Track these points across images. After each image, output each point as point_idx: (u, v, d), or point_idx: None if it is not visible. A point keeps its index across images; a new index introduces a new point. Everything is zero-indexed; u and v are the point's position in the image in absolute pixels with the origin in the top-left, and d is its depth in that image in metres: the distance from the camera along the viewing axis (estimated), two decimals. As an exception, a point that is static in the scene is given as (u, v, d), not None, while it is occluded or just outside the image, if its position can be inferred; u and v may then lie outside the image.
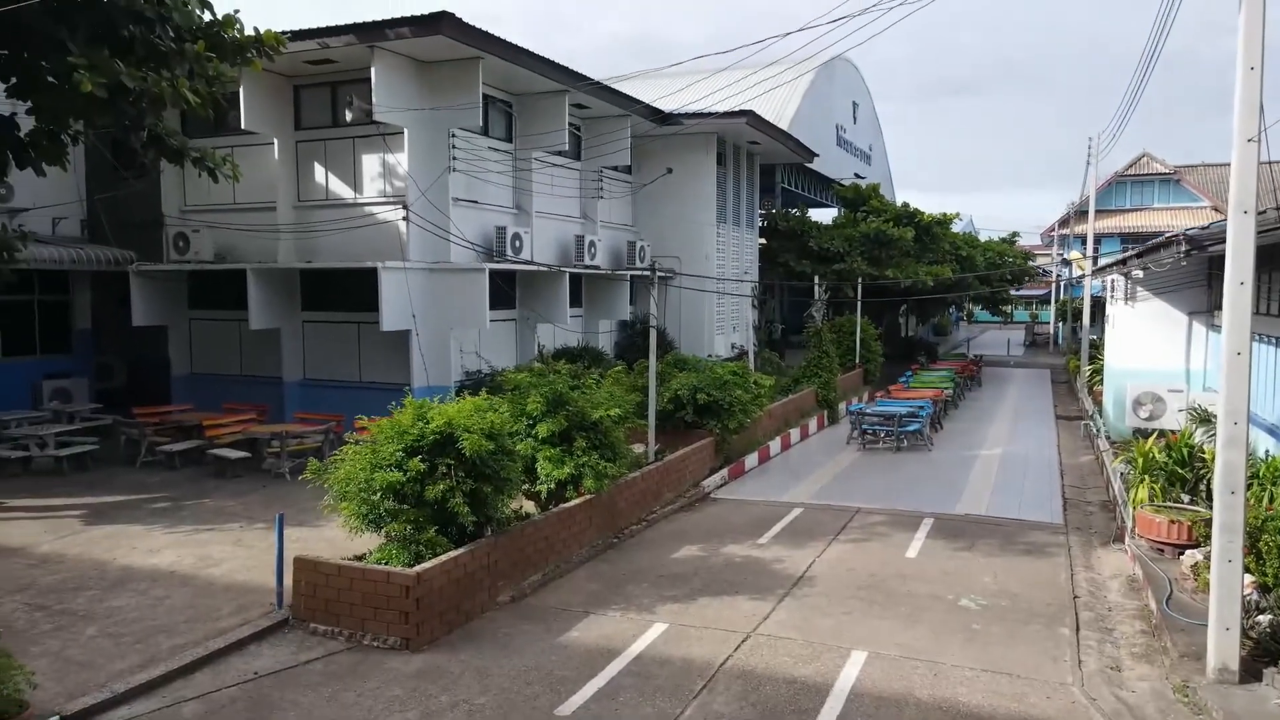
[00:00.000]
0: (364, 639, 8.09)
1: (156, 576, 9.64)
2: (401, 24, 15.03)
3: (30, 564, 10.02)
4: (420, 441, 8.69)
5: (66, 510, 12.38)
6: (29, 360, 19.28)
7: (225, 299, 18.47)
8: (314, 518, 11.46)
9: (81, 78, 10.28)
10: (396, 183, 16.86)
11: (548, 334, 20.04)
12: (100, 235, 19.70)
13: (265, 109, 16.96)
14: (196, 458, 15.21)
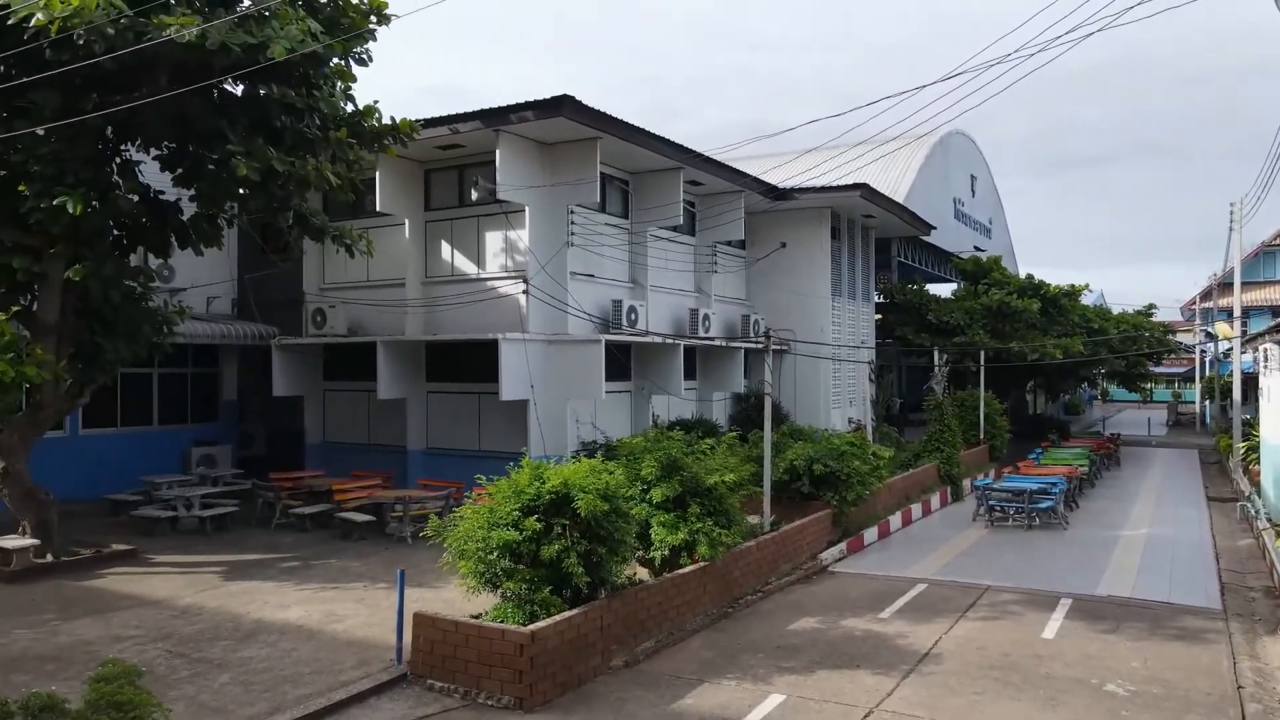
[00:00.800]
0: (478, 697, 8.11)
1: (285, 630, 9.98)
2: (525, 108, 15.85)
3: (172, 615, 10.56)
4: (536, 501, 8.80)
5: (207, 567, 13.04)
6: (181, 428, 20.69)
7: (356, 371, 19.43)
8: (433, 579, 11.71)
9: (238, 163, 11.21)
10: (517, 258, 17.53)
11: (662, 406, 20.12)
12: (247, 312, 21.19)
13: (398, 192, 18.06)
14: (325, 521, 15.82)
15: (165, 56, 10.65)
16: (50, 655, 9.06)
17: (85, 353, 13.50)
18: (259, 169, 11.52)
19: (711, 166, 20.08)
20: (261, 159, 11.63)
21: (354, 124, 13.45)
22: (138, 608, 10.88)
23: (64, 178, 11.67)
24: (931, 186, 32.99)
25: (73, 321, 13.29)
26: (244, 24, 10.84)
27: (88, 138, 11.90)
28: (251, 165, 11.41)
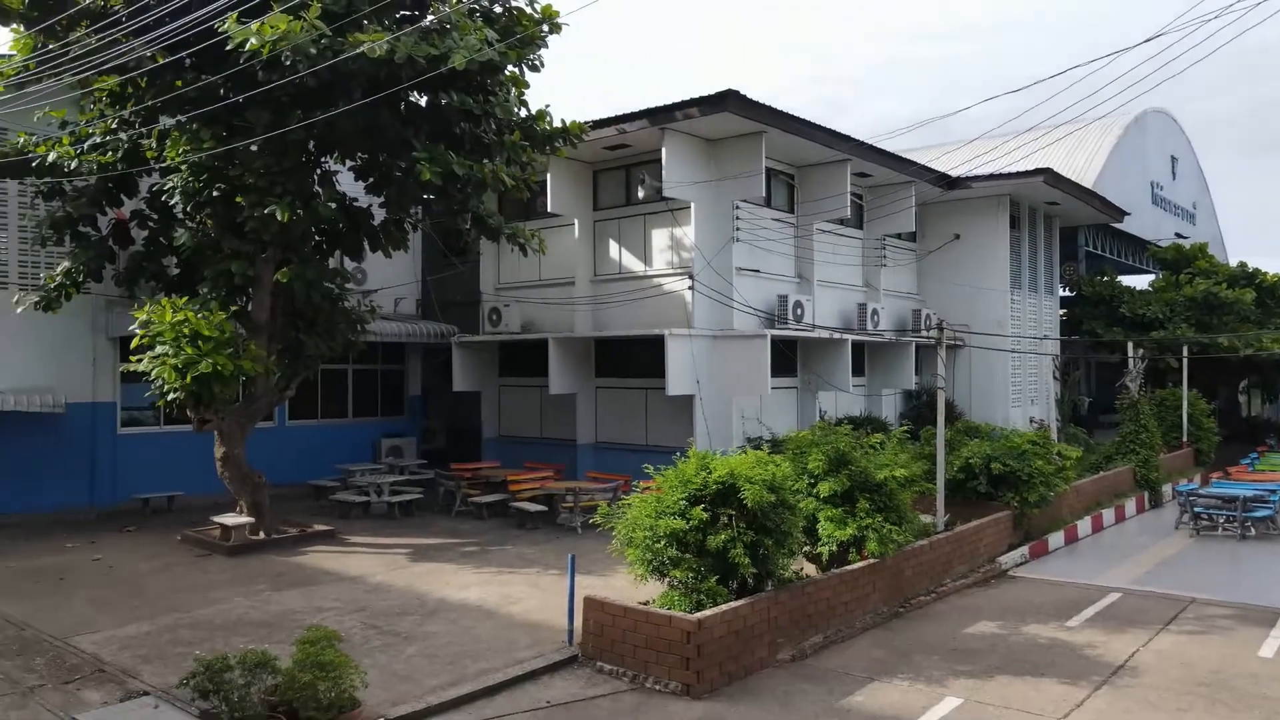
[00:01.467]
0: (646, 681, 8.26)
1: (466, 609, 10.53)
2: (690, 105, 15.97)
3: (366, 590, 11.37)
4: (703, 491, 8.86)
5: (396, 548, 13.95)
6: (372, 421, 22.23)
7: (529, 367, 20.21)
8: (602, 567, 12.01)
9: (422, 168, 11.91)
10: (683, 254, 17.69)
11: (829, 402, 19.74)
12: (430, 312, 22.49)
13: (568, 193, 18.64)
14: (501, 510, 16.56)
15: (359, 72, 11.49)
16: (263, 621, 9.97)
17: (291, 349, 14.75)
18: (440, 173, 12.22)
19: (879, 157, 19.51)
20: (443, 163, 12.33)
21: (527, 127, 14.01)
22: (336, 583, 11.79)
23: (274, 189, 12.81)
24: (1125, 170, 30.64)
25: (281, 321, 14.56)
26: (428, 37, 11.54)
27: (293, 151, 13.01)
28: (434, 170, 12.13)
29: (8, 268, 16.52)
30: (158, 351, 12.52)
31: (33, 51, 13.15)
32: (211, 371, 12.34)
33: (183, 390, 12.45)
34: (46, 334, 16.75)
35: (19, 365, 16.51)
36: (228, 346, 12.75)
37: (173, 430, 18.50)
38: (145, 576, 12.10)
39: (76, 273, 14.58)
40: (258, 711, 6.39)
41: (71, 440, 17.24)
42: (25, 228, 16.44)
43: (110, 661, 8.61)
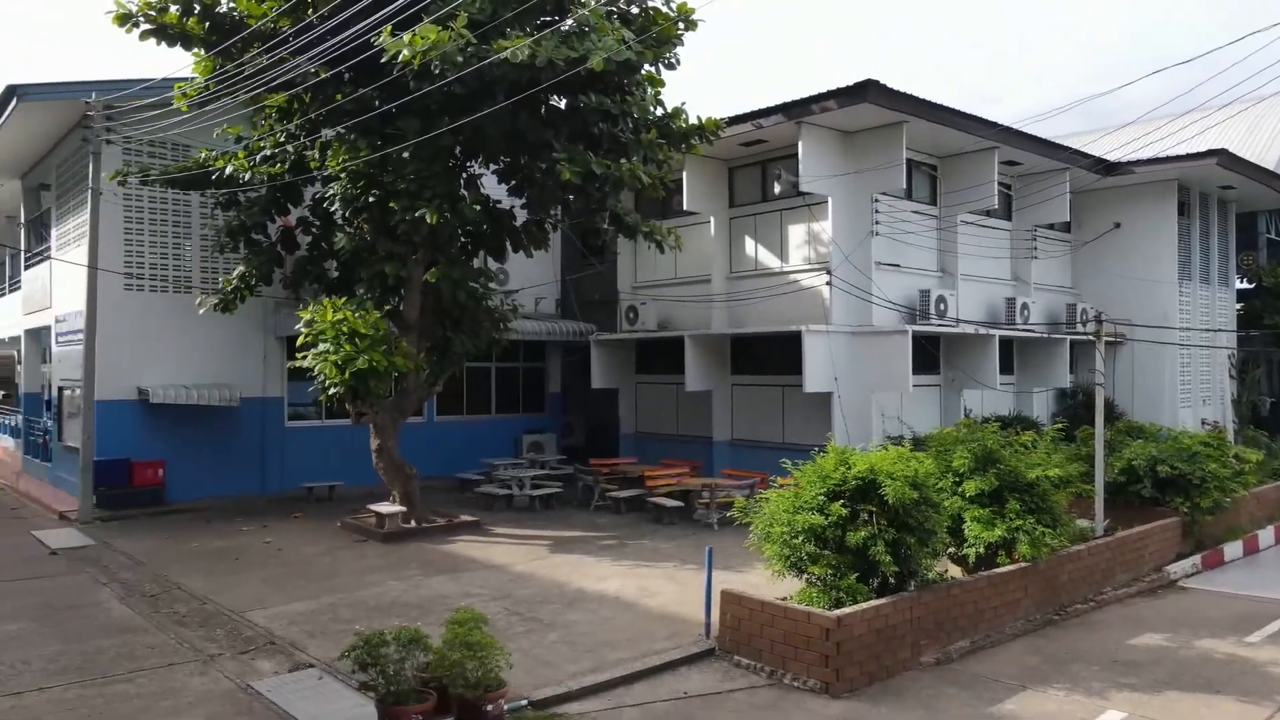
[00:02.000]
0: (784, 677, 8.17)
1: (604, 599, 10.73)
2: (827, 97, 15.69)
3: (509, 579, 11.77)
4: (842, 486, 8.70)
5: (537, 540, 14.37)
6: (514, 417, 22.98)
7: (665, 364, 20.37)
8: (738, 563, 11.97)
9: (562, 168, 12.21)
10: (820, 249, 17.40)
11: (975, 400, 18.96)
12: (569, 311, 23.03)
13: (703, 190, 18.67)
14: (638, 505, 16.76)
15: (502, 78, 11.91)
16: (415, 604, 10.48)
17: (439, 346, 15.44)
18: (580, 173, 12.51)
19: (1030, 143, 18.58)
20: (582, 163, 12.62)
21: (663, 125, 14.15)
22: (481, 570, 12.25)
23: (423, 193, 13.46)
24: (1314, 148, 27.90)
25: (429, 319, 15.27)
26: (567, 40, 11.83)
27: (441, 156, 13.63)
28: (573, 170, 12.43)
29: (191, 273, 18.04)
30: (320, 349, 13.37)
31: (211, 73, 14.30)
32: (367, 367, 13.07)
33: (342, 385, 13.24)
34: (223, 334, 18.19)
35: (201, 363, 17.99)
36: (382, 344, 13.47)
37: (333, 424, 19.72)
38: (310, 559, 12.94)
39: (249, 276, 15.76)
40: (411, 686, 6.72)
41: (245, 432, 18.65)
42: (206, 236, 17.93)
43: (280, 635, 9.26)
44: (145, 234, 17.54)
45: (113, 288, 16.79)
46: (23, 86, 16.09)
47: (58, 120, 17.82)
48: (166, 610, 10.32)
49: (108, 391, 16.73)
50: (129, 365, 17.18)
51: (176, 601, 10.70)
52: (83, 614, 10.14)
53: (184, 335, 17.79)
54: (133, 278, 17.33)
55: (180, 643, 9.08)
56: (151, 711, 7.29)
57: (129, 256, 17.29)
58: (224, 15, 13.95)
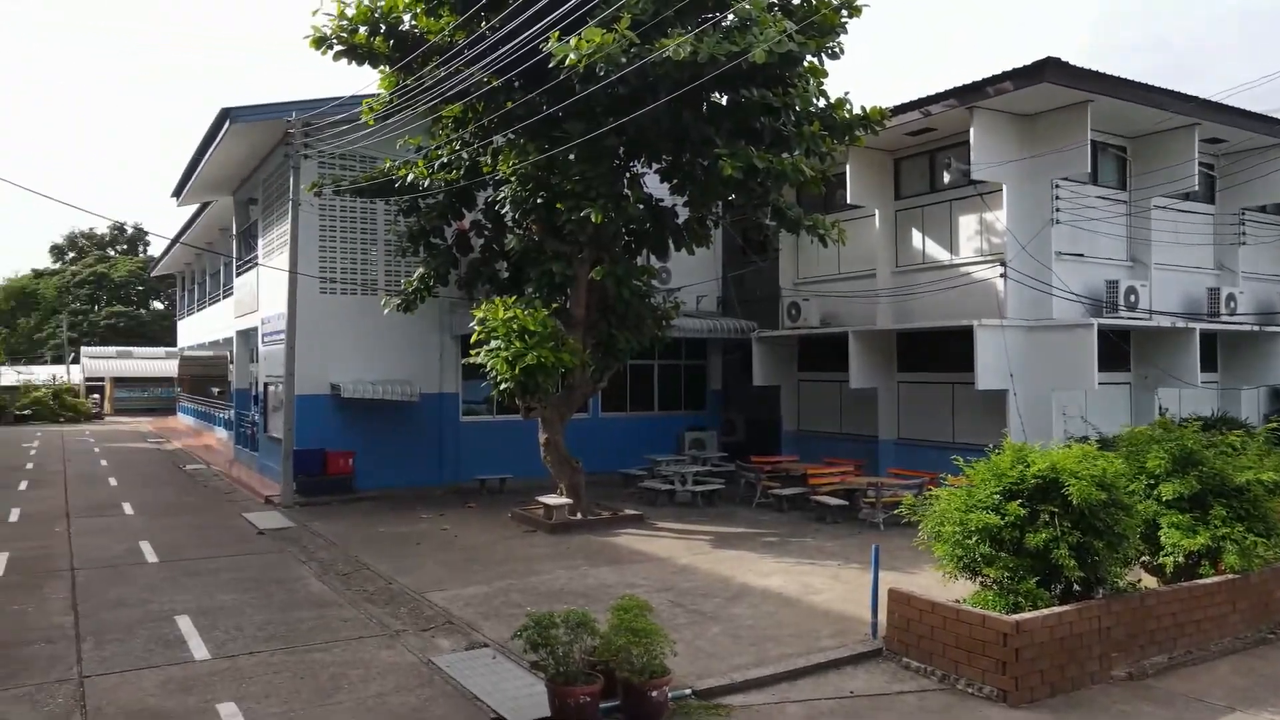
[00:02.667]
0: (957, 682, 7.84)
1: (766, 595, 10.66)
2: (1002, 79, 14.93)
3: (672, 571, 11.90)
4: (1019, 485, 8.25)
5: (699, 535, 14.45)
6: (676, 414, 23.22)
7: (828, 361, 20.00)
8: (905, 564, 11.60)
9: (724, 164, 12.23)
10: (994, 240, 16.57)
11: (1171, 399, 17.49)
12: (730, 309, 23.02)
13: (867, 183, 18.20)
14: (800, 503, 16.54)
15: (665, 76, 12.06)
16: (580, 592, 10.79)
17: (604, 343, 15.81)
18: (741, 167, 12.48)
19: (1238, 117, 16.96)
20: (743, 158, 12.59)
21: (826, 117, 13.89)
22: (644, 562, 12.46)
23: (589, 193, 13.84)
24: None
25: (595, 316, 15.66)
26: (729, 35, 11.84)
27: (606, 157, 13.96)
28: (735, 165, 12.42)
29: (376, 276, 19.34)
30: (492, 345, 14.00)
31: (394, 88, 15.27)
32: (536, 363, 13.58)
33: (512, 380, 13.81)
34: (404, 334, 19.38)
35: (385, 361, 19.25)
36: (550, 340, 13.95)
37: (503, 419, 20.59)
38: (483, 547, 13.58)
39: (428, 278, 16.72)
40: (579, 668, 6.93)
41: (423, 426, 19.79)
42: (389, 241, 19.17)
43: (457, 616, 9.77)
44: (337, 241, 18.95)
45: (309, 291, 18.24)
46: (234, 110, 17.77)
47: (262, 139, 19.54)
48: (357, 588, 11.11)
49: (305, 387, 18.19)
50: (323, 362, 18.61)
51: (365, 580, 11.50)
52: (286, 588, 11.08)
53: (370, 335, 19.09)
54: (326, 281, 18.76)
55: (369, 618, 9.75)
56: (345, 678, 7.87)
57: (323, 262, 18.74)
58: (405, 33, 14.86)
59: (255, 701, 7.29)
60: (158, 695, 7.43)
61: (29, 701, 7.28)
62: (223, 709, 7.12)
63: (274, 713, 7.09)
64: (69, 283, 71.34)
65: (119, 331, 66.31)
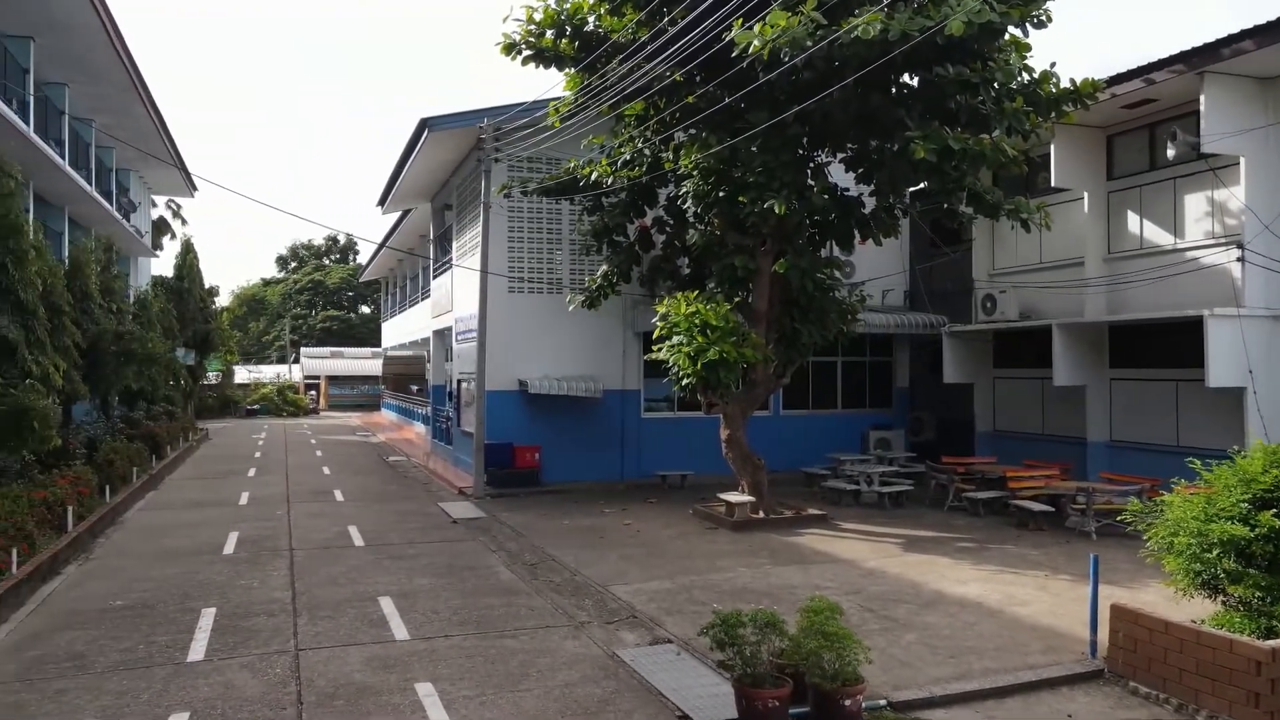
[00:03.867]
0: (1197, 714, 6.95)
1: (964, 604, 9.96)
2: (1240, 38, 13.29)
3: (860, 574, 11.38)
4: (1273, 492, 7.22)
5: (886, 537, 13.79)
6: (859, 412, 22.41)
7: (1028, 357, 18.64)
8: (1125, 578, 10.54)
9: (916, 147, 11.57)
10: (1228, 220, 14.82)
11: None
12: (919, 303, 21.93)
13: (1074, 163, 16.76)
14: (998, 507, 15.47)
15: (852, 57, 11.54)
16: (763, 591, 10.50)
17: (786, 338, 15.43)
18: (936, 149, 11.76)
19: None
20: (938, 140, 11.85)
21: (1029, 92, 12.87)
22: (830, 564, 11.99)
23: (771, 184, 13.51)
24: None
25: (777, 310, 15.31)
26: (922, 9, 11.17)
27: (789, 146, 13.58)
28: (929, 147, 11.71)
29: (561, 275, 19.84)
30: (674, 341, 13.96)
31: (579, 87, 15.55)
32: (718, 358, 13.41)
33: (694, 375, 13.70)
34: (588, 331, 19.77)
35: (569, 357, 19.72)
36: (732, 335, 13.74)
37: (684, 416, 20.61)
38: (664, 542, 13.55)
39: (612, 275, 16.94)
40: (766, 670, 6.67)
41: (606, 422, 20.11)
42: (574, 240, 19.62)
43: (640, 610, 9.74)
44: (525, 242, 19.59)
45: (499, 290, 18.95)
46: (431, 119, 18.74)
47: (456, 146, 20.51)
48: (543, 578, 11.34)
49: (494, 383, 18.91)
50: (511, 360, 19.28)
51: (551, 571, 11.73)
52: (477, 574, 11.47)
53: (556, 333, 19.61)
54: (515, 281, 19.43)
55: (555, 608, 9.91)
56: (533, 666, 8.00)
57: (512, 262, 19.42)
58: (590, 33, 15.10)
59: (449, 683, 7.53)
60: (362, 671, 7.83)
61: (251, 670, 7.86)
62: (420, 688, 7.40)
63: (467, 695, 7.29)
64: (291, 289, 78.39)
65: (332, 333, 72.21)
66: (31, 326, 12.81)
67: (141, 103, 25.77)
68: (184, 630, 8.93)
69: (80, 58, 22.30)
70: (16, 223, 12.75)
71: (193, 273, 42.23)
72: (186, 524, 15.03)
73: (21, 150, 19.84)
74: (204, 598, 10.19)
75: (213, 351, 44.91)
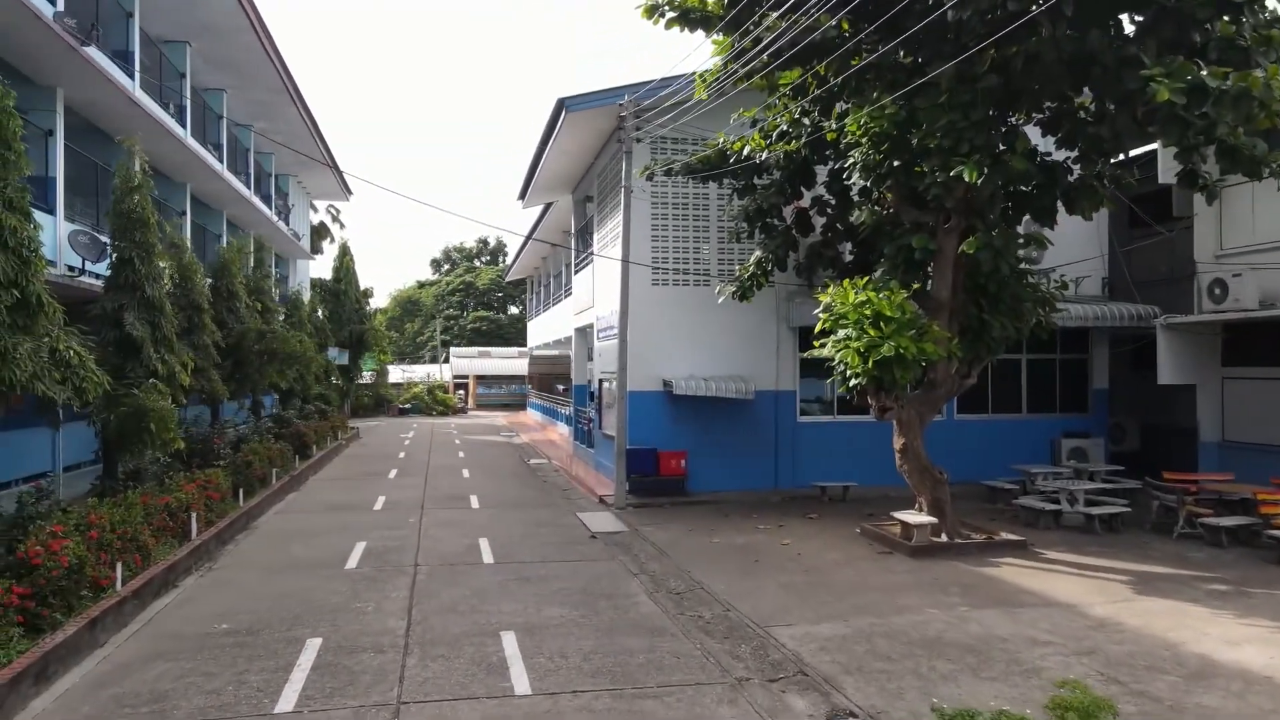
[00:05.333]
0: None
1: (1248, 678, 7.56)
2: None
3: (1088, 625, 9.10)
4: None
5: (1107, 572, 11.33)
6: (1049, 417, 19.57)
7: (1271, 354, 15.48)
8: None
9: (1157, 87, 9.17)
10: None
11: None
12: (1120, 291, 18.93)
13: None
14: (1245, 537, 12.65)
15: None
16: (966, 645, 8.44)
17: (972, 330, 13.17)
18: (1183, 89, 9.29)
19: None
20: (1184, 77, 9.38)
21: (1305, 16, 10.15)
22: (1042, 607, 9.75)
23: (959, 147, 11.33)
24: None
25: (961, 298, 13.06)
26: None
27: (981, 103, 11.36)
28: (1174, 86, 9.26)
29: (708, 265, 18.16)
30: (840, 335, 12.02)
31: (728, 51, 13.80)
32: (893, 355, 11.39)
33: (864, 375, 11.73)
34: (737, 326, 18.01)
35: (717, 355, 18.01)
36: (909, 328, 11.68)
37: (844, 420, 18.52)
38: (831, 568, 11.63)
39: (766, 262, 15.11)
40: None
41: (758, 426, 18.26)
42: (722, 228, 17.92)
43: (811, 664, 7.92)
44: (669, 230, 18.03)
45: (641, 283, 17.47)
46: (569, 99, 17.46)
47: (595, 129, 19.18)
48: (691, 612, 9.69)
49: (637, 383, 17.44)
50: (655, 358, 17.77)
51: (700, 603, 10.07)
52: (615, 605, 9.94)
53: (701, 328, 17.96)
54: (658, 272, 17.91)
55: (705, 655, 8.23)
56: (680, 741, 6.36)
57: (655, 253, 17.90)
58: (741, -14, 13.31)
59: (576, 763, 5.99)
60: (473, 736, 6.42)
61: (346, 726, 6.60)
62: (539, 769, 5.90)
63: (596, 783, 5.73)
64: (444, 291, 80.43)
65: (482, 334, 73.47)
66: (158, 323, 12.29)
67: (293, 104, 25.97)
68: (282, 667, 7.81)
69: (233, 60, 22.49)
70: (143, 215, 12.26)
71: (349, 275, 43.34)
72: (317, 530, 14.32)
73: (176, 153, 20.08)
74: (313, 624, 9.13)
75: (367, 351, 46.05)
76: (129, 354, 11.80)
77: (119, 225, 12.18)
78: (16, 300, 8.21)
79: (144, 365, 11.77)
